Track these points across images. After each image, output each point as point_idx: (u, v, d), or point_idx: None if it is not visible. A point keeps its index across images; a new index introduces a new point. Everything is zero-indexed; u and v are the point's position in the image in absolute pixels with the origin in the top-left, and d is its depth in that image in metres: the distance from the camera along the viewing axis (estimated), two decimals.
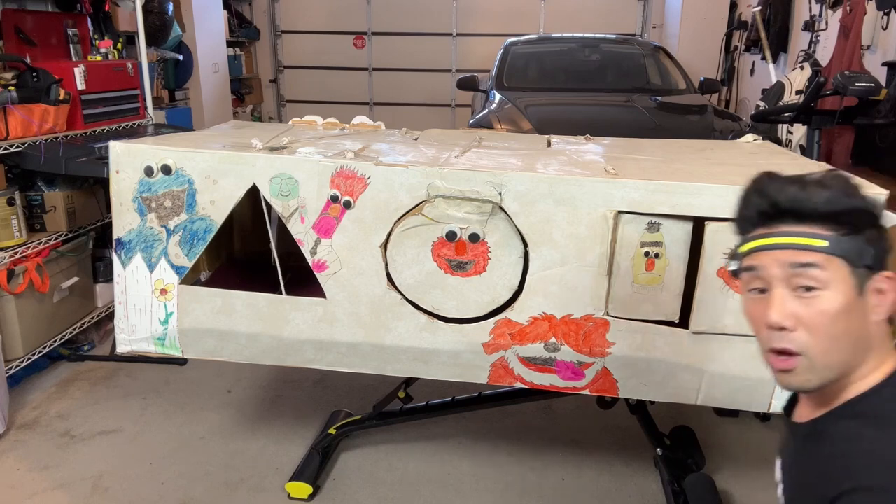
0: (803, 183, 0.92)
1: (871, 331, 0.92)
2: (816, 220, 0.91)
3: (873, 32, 4.07)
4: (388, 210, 1.79)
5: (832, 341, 0.90)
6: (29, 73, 2.93)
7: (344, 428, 2.42)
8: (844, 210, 0.90)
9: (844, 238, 0.90)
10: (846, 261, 0.90)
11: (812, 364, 0.91)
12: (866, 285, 0.91)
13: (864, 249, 0.90)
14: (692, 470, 2.24)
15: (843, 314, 0.90)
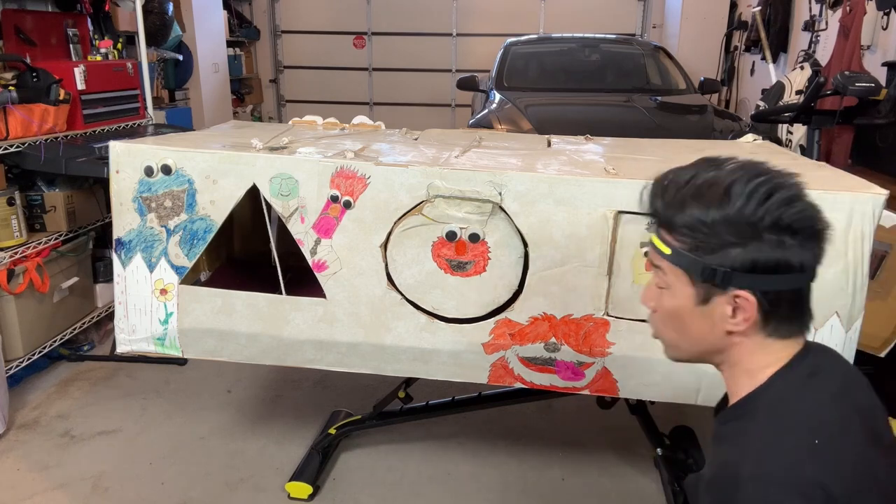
0: (682, 189, 0.95)
1: (723, 339, 0.97)
2: (675, 230, 0.96)
3: (873, 32, 4.07)
4: (388, 210, 1.79)
5: (673, 333, 1.03)
6: (29, 73, 2.93)
7: (344, 428, 2.42)
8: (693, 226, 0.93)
9: (687, 252, 0.95)
10: (685, 272, 0.96)
11: (665, 344, 1.07)
12: (712, 298, 0.95)
13: (705, 268, 0.93)
14: (692, 470, 2.24)
15: (680, 316, 1.00)
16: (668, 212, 0.96)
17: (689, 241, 0.94)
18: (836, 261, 1.63)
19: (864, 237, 1.61)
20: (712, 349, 1.00)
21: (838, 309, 1.66)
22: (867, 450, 0.91)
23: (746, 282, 0.92)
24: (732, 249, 0.91)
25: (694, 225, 0.93)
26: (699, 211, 0.92)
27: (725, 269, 0.92)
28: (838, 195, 1.60)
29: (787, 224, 0.90)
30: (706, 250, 0.93)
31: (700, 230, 0.93)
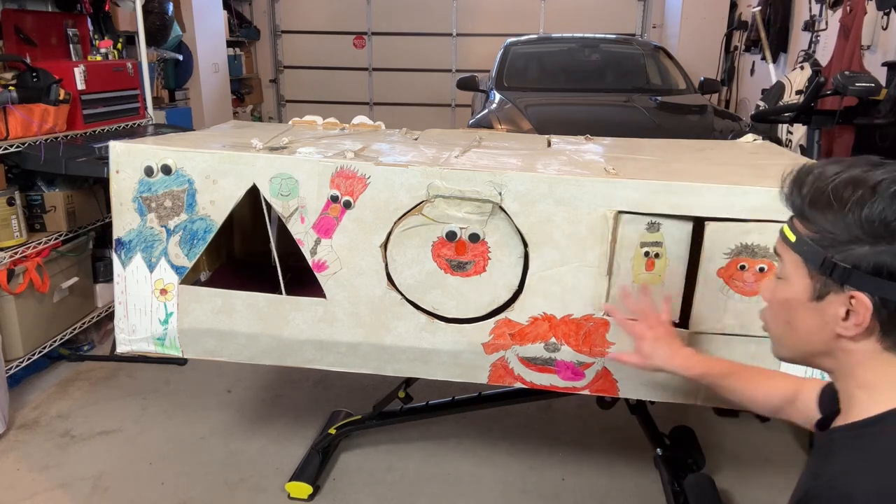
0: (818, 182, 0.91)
1: (831, 340, 0.92)
2: (806, 217, 0.92)
3: (873, 32, 4.07)
4: (388, 210, 1.79)
5: (782, 327, 0.99)
6: (29, 73, 2.93)
7: (344, 428, 2.42)
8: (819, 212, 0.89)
9: (811, 242, 0.90)
10: (805, 262, 0.92)
11: (772, 339, 1.03)
12: (828, 295, 0.90)
13: (826, 260, 0.89)
14: (692, 470, 2.24)
15: (792, 308, 0.96)
16: (806, 200, 0.91)
17: (817, 231, 0.90)
18: None
19: None
20: (818, 351, 0.95)
21: None
22: None
23: (866, 284, 0.86)
24: (859, 247, 0.86)
25: (827, 215, 0.88)
26: (837, 202, 0.87)
27: (846, 266, 0.87)
28: None
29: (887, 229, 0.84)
30: (832, 243, 0.88)
31: (831, 221, 0.88)
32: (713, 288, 1.68)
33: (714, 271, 1.67)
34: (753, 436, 2.63)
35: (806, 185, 0.92)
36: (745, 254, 1.65)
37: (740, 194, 1.63)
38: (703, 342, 1.74)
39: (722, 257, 1.66)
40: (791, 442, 2.60)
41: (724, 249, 1.65)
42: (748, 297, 1.67)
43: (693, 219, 1.67)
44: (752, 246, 1.64)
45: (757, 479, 2.38)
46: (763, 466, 2.46)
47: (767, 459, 2.50)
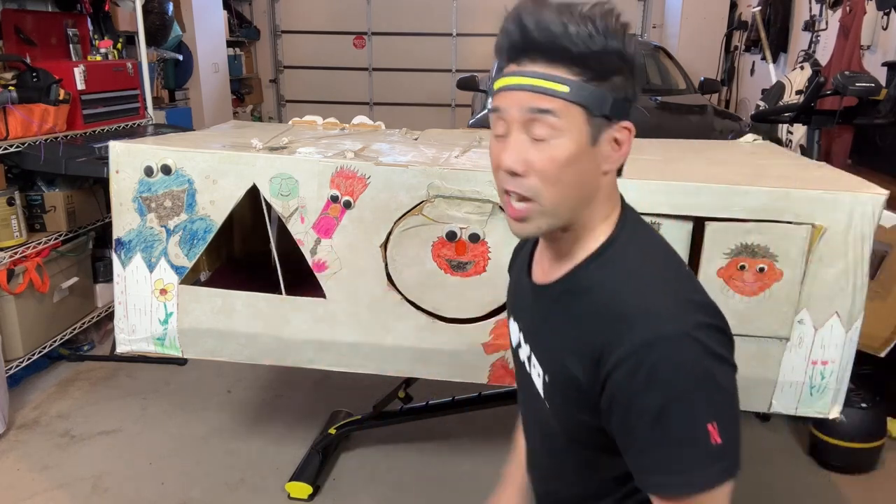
0: (565, 15, 0.84)
1: (599, 181, 0.91)
2: (566, 62, 0.84)
3: (873, 32, 4.07)
4: (388, 210, 1.79)
5: (561, 188, 0.89)
6: (29, 73, 2.93)
7: (344, 428, 2.42)
8: (598, 52, 0.84)
9: (588, 84, 0.84)
10: (584, 109, 0.85)
11: (543, 209, 0.90)
12: (602, 135, 0.88)
13: (605, 98, 0.85)
14: None
15: (573, 163, 0.87)
16: (560, 40, 0.83)
17: (588, 72, 0.84)
18: (836, 261, 1.63)
19: (864, 237, 1.61)
20: (589, 198, 0.91)
21: (838, 309, 1.66)
22: None
23: (627, 112, 0.88)
24: (617, 77, 0.86)
25: (593, 52, 0.84)
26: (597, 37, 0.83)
27: (621, 99, 0.87)
28: (838, 195, 1.60)
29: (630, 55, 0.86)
30: (603, 80, 0.85)
31: (596, 55, 0.84)
32: (713, 288, 1.68)
33: (714, 271, 1.67)
34: (753, 436, 2.63)
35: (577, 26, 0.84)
36: (745, 254, 1.64)
37: (740, 194, 1.63)
38: None
39: (722, 257, 1.66)
40: (791, 442, 2.60)
41: (724, 249, 1.65)
42: (748, 297, 1.67)
43: (693, 219, 1.67)
44: (752, 246, 1.64)
45: (757, 480, 2.38)
46: (763, 466, 2.46)
47: (768, 459, 2.50)
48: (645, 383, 0.81)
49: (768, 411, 1.78)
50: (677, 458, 0.83)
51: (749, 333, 1.70)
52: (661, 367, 0.81)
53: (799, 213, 1.61)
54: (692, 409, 0.81)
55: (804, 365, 1.72)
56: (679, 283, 0.89)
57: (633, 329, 0.83)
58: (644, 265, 0.90)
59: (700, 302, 0.86)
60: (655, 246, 0.93)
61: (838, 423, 2.33)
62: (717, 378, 0.82)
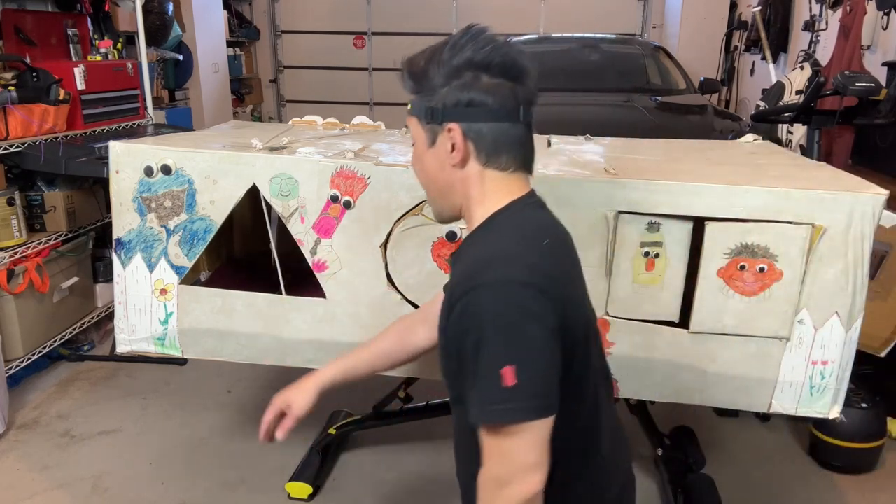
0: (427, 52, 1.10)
1: (452, 173, 1.10)
2: (412, 89, 1.13)
3: (873, 32, 4.07)
4: (388, 210, 1.79)
5: (424, 182, 1.18)
6: (29, 73, 2.93)
7: (344, 428, 2.41)
8: (420, 73, 1.09)
9: (416, 98, 1.12)
10: (417, 118, 1.13)
11: (430, 204, 1.21)
12: (437, 137, 1.10)
13: (424, 108, 1.10)
14: (692, 470, 2.24)
15: (419, 162, 1.16)
16: (411, 74, 1.11)
17: (417, 90, 1.11)
18: (836, 261, 1.63)
19: (864, 237, 1.61)
20: (447, 185, 1.12)
21: (838, 309, 1.66)
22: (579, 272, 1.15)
23: (454, 116, 1.07)
24: (443, 89, 1.07)
25: (418, 74, 1.09)
26: (424, 63, 1.08)
27: (437, 107, 1.07)
28: (838, 195, 1.60)
29: (479, 62, 1.05)
30: (428, 95, 1.09)
31: (422, 78, 1.09)
32: (713, 288, 1.68)
33: (714, 271, 1.67)
34: (753, 436, 2.63)
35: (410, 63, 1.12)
36: (745, 254, 1.65)
37: (740, 194, 1.63)
38: (703, 342, 1.74)
39: (722, 257, 1.66)
40: (791, 442, 2.60)
41: (724, 249, 1.65)
42: (748, 297, 1.67)
43: (693, 219, 1.67)
44: (752, 246, 1.64)
45: (757, 479, 2.38)
46: (763, 466, 2.46)
47: (767, 459, 2.50)
48: (465, 323, 0.97)
49: (768, 411, 1.78)
50: (478, 393, 0.96)
51: (749, 333, 1.70)
52: (473, 308, 0.96)
53: (799, 213, 1.61)
54: (491, 349, 0.94)
55: (804, 365, 1.72)
56: (524, 248, 1.02)
57: (470, 278, 0.99)
58: (503, 234, 1.05)
59: (531, 264, 0.99)
60: (527, 222, 1.08)
61: (838, 423, 2.33)
62: (522, 328, 0.94)
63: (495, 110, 1.06)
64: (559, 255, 1.08)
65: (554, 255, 1.06)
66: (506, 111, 1.07)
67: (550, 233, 1.10)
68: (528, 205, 1.10)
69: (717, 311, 1.70)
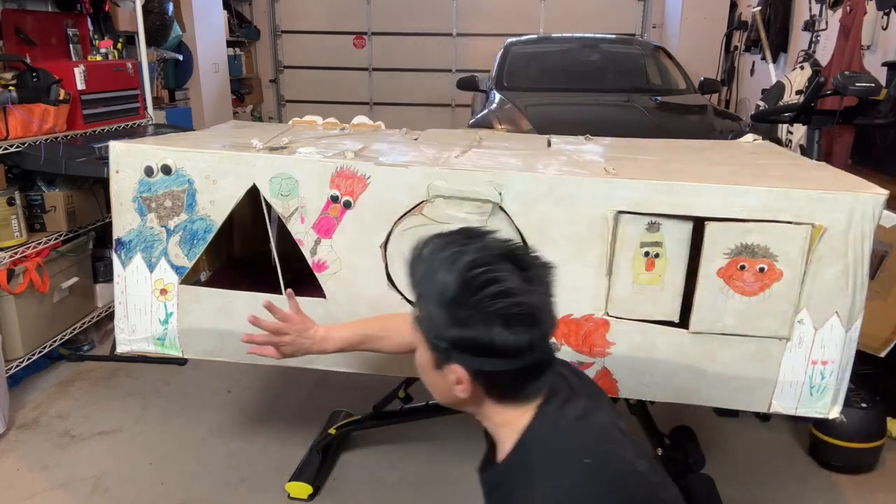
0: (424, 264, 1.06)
1: (461, 400, 1.06)
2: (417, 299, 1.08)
3: (873, 32, 4.07)
4: (388, 210, 1.79)
5: (427, 384, 1.13)
6: (29, 73, 2.93)
7: (344, 428, 2.41)
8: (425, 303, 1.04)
9: (422, 321, 1.06)
10: (423, 337, 1.07)
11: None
12: (444, 365, 1.05)
13: (430, 341, 1.05)
14: (692, 470, 2.24)
15: (425, 372, 1.10)
16: (414, 283, 1.07)
17: (424, 313, 1.05)
18: (836, 261, 1.63)
19: (864, 237, 1.61)
20: (457, 405, 1.09)
21: (838, 309, 1.66)
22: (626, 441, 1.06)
23: (461, 359, 1.02)
24: (450, 328, 1.01)
25: (427, 299, 1.03)
26: (430, 291, 1.03)
27: (444, 346, 1.02)
28: (838, 195, 1.60)
29: (496, 314, 0.97)
30: (434, 324, 1.03)
31: (431, 305, 1.03)
32: (713, 288, 1.68)
33: (714, 271, 1.67)
34: (753, 436, 2.63)
35: (418, 265, 1.06)
36: (745, 254, 1.64)
37: (740, 194, 1.63)
38: (702, 342, 1.74)
39: (722, 257, 1.66)
40: (791, 442, 2.60)
41: (724, 249, 1.65)
42: (748, 297, 1.67)
43: (693, 219, 1.67)
44: (752, 246, 1.64)
45: (757, 479, 2.38)
46: (763, 466, 2.46)
47: (767, 459, 2.50)
48: None
49: (768, 411, 1.78)
50: None
51: (749, 333, 1.70)
52: None
53: (799, 213, 1.61)
54: None
55: (804, 365, 1.72)
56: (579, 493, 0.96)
57: None
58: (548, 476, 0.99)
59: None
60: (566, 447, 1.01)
61: (838, 423, 2.33)
62: None
63: (511, 360, 1.00)
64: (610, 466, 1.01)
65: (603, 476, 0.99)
66: (520, 357, 1.00)
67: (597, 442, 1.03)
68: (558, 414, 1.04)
69: (717, 311, 1.70)
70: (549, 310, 1.03)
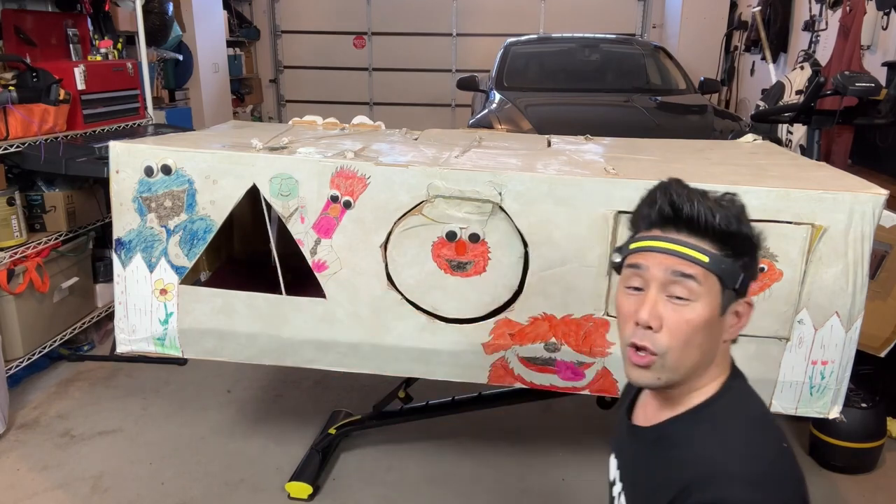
0: (706, 197, 0.98)
1: (719, 347, 1.00)
2: (707, 236, 0.96)
3: (873, 32, 4.07)
4: (388, 210, 1.79)
5: (688, 348, 0.97)
6: (29, 73, 2.93)
7: (344, 428, 2.41)
8: (735, 233, 0.96)
9: (725, 259, 0.96)
10: (720, 280, 0.96)
11: (664, 365, 0.98)
12: (729, 307, 0.98)
13: (737, 274, 0.96)
14: None
15: (704, 327, 0.96)
16: (705, 217, 0.95)
17: (727, 247, 0.96)
18: (836, 261, 1.63)
19: (864, 237, 1.61)
20: (708, 362, 1.00)
21: (838, 309, 1.66)
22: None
23: (747, 289, 0.99)
24: (747, 258, 0.97)
25: (731, 232, 0.95)
26: (734, 220, 0.96)
27: (746, 279, 0.98)
28: (838, 195, 1.60)
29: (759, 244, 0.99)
30: (736, 258, 0.96)
31: (735, 236, 0.96)
32: None
33: None
34: None
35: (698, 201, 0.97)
36: None
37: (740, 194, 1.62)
38: None
39: None
40: (791, 442, 2.60)
41: None
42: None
43: None
44: None
45: None
46: None
47: None
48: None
49: None
50: None
51: (749, 333, 1.70)
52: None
53: (799, 213, 1.61)
54: None
55: (804, 365, 1.72)
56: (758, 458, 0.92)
57: (703, 489, 0.89)
58: (731, 433, 0.95)
59: (772, 478, 0.90)
60: (752, 418, 0.99)
61: (838, 423, 2.33)
62: None
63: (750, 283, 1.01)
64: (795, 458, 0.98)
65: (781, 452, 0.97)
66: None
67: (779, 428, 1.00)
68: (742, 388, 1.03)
69: None
70: None
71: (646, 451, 1.04)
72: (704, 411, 0.99)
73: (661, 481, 0.97)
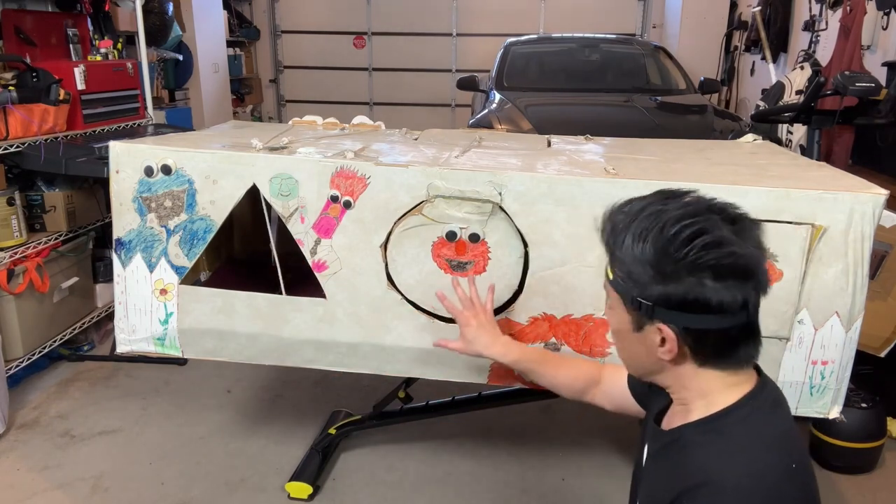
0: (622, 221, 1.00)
1: (659, 363, 1.02)
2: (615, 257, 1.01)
3: (873, 32, 4.07)
4: (388, 210, 1.79)
5: (621, 351, 1.11)
6: (29, 73, 2.93)
7: (344, 428, 2.42)
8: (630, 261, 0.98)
9: (621, 281, 1.00)
10: (621, 299, 1.02)
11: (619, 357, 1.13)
12: (644, 326, 1.00)
13: (633, 299, 0.99)
14: None
15: (620, 335, 1.06)
16: (612, 240, 1.01)
17: (623, 270, 0.99)
18: (836, 261, 1.63)
19: (864, 237, 1.61)
20: (652, 371, 1.06)
21: (838, 309, 1.66)
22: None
23: (668, 317, 0.96)
24: (655, 285, 0.95)
25: (626, 257, 0.98)
26: (633, 244, 0.96)
27: (648, 304, 0.97)
28: (838, 195, 1.60)
29: (707, 266, 0.92)
30: (636, 282, 0.97)
31: (631, 263, 0.97)
32: None
33: None
34: None
35: (615, 223, 1.00)
36: None
37: (740, 194, 1.62)
38: None
39: None
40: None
41: None
42: None
43: None
44: None
45: None
46: None
47: None
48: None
49: None
50: None
51: None
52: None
53: (799, 213, 1.61)
54: None
55: (804, 365, 1.72)
56: (759, 476, 0.92)
57: (693, 497, 0.92)
58: (736, 447, 0.95)
59: (769, 498, 0.91)
60: (764, 435, 0.97)
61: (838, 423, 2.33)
62: None
63: (720, 317, 0.94)
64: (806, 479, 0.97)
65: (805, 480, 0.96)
66: (732, 314, 0.94)
67: (796, 449, 0.98)
68: (761, 407, 0.99)
69: None
70: (762, 265, 0.95)
71: (660, 452, 1.07)
72: (715, 422, 0.99)
73: (664, 485, 0.99)
